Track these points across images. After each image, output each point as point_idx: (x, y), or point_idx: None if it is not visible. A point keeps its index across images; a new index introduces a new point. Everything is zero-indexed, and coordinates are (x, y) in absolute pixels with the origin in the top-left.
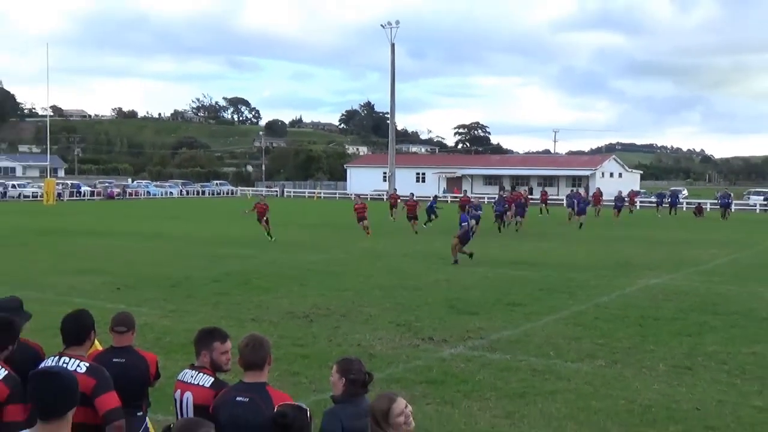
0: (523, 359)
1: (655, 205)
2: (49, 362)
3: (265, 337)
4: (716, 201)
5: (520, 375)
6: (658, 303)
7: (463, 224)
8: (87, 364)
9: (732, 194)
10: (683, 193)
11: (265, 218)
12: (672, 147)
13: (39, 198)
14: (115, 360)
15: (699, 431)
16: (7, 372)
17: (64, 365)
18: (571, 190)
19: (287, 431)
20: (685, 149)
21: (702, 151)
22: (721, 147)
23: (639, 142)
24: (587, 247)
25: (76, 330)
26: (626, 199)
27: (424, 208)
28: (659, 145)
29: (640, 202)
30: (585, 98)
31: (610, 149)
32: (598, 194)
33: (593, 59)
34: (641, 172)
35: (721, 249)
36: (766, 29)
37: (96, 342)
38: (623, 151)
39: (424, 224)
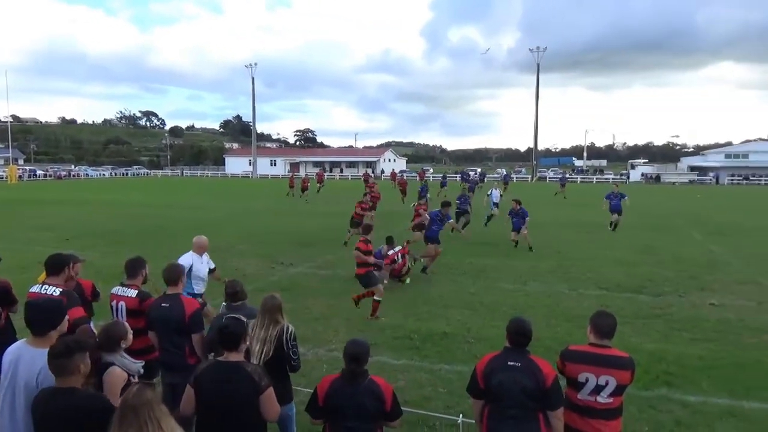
0: (339, 272)
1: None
2: (35, 288)
3: (178, 264)
4: (556, 178)
5: (337, 282)
6: None
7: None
8: (60, 289)
9: (567, 174)
10: (430, 171)
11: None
12: (423, 143)
13: (4, 179)
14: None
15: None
16: None
17: (45, 291)
18: (613, 189)
19: (233, 337)
20: (431, 145)
21: (440, 146)
22: (451, 143)
23: (405, 140)
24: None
25: (56, 265)
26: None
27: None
28: (416, 142)
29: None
30: (373, 114)
31: (388, 145)
32: (403, 180)
33: (377, 90)
34: (406, 158)
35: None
36: (474, 76)
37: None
38: (396, 146)
39: None
